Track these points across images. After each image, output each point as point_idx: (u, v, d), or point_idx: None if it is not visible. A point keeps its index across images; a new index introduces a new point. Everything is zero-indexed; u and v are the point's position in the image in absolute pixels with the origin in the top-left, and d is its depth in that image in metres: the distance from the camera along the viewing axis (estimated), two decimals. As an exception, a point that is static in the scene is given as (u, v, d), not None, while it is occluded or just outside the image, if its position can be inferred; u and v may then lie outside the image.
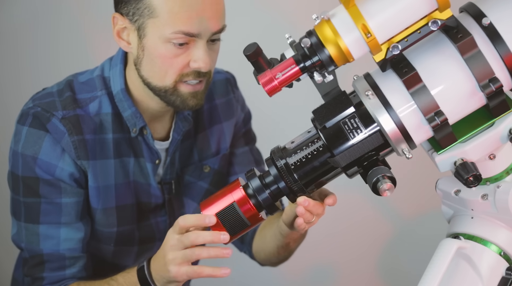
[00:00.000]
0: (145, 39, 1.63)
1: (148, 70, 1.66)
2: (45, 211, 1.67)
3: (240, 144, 1.94)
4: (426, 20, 1.23)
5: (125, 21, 1.65)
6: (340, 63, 1.25)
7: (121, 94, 1.71)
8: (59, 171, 1.65)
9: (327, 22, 1.24)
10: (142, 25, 1.63)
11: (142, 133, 1.73)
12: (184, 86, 1.65)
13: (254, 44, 1.29)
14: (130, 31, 1.65)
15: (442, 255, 1.30)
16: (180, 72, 1.63)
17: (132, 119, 1.71)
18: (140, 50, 1.65)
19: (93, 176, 1.69)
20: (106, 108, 1.71)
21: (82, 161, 1.67)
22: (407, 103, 1.26)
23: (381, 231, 2.76)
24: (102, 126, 1.70)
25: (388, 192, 1.28)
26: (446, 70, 1.25)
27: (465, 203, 1.37)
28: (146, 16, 1.61)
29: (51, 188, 1.66)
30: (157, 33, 1.61)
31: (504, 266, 1.34)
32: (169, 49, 1.61)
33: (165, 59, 1.62)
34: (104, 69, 1.75)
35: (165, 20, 1.59)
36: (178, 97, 1.65)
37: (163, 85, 1.65)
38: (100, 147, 1.69)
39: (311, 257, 2.72)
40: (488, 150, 1.31)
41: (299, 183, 1.35)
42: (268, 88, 1.28)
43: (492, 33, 1.23)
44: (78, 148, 1.66)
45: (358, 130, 1.29)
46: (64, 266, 1.68)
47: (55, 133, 1.65)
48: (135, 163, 1.74)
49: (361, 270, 2.77)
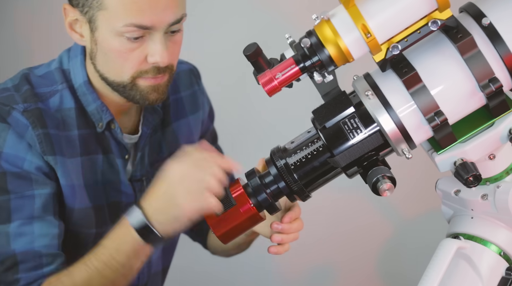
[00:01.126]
0: (97, 32, 1.51)
1: (103, 65, 1.55)
2: (16, 207, 1.51)
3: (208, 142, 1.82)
4: (426, 20, 1.23)
5: (75, 12, 1.53)
6: (340, 63, 1.25)
7: (84, 87, 1.59)
8: (27, 163, 1.52)
9: (327, 22, 1.24)
10: (93, 18, 1.51)
11: (109, 128, 1.62)
12: (144, 80, 1.54)
13: (254, 44, 1.29)
14: (82, 23, 1.54)
15: (442, 255, 1.30)
16: (137, 69, 1.52)
17: (97, 114, 1.60)
18: (93, 44, 1.54)
19: (63, 173, 1.56)
20: (68, 103, 1.59)
21: (48, 156, 1.54)
22: (407, 103, 1.26)
23: (381, 231, 2.76)
24: (65, 122, 1.58)
25: (388, 192, 1.28)
26: (446, 70, 1.25)
27: (465, 203, 1.37)
28: (96, 8, 1.49)
29: (21, 181, 1.52)
30: (108, 26, 1.49)
31: (504, 266, 1.34)
32: (122, 43, 1.50)
33: (119, 54, 1.51)
34: (63, 61, 1.63)
35: (115, 13, 1.47)
36: (138, 92, 1.55)
37: (121, 80, 1.54)
38: (66, 144, 1.57)
39: (311, 257, 2.72)
40: (488, 150, 1.31)
41: (299, 183, 1.35)
42: (268, 88, 1.28)
43: (492, 33, 1.23)
44: (44, 142, 1.53)
45: (358, 130, 1.29)
46: (41, 264, 1.50)
47: (17, 127, 1.52)
48: (104, 160, 1.63)
49: (361, 270, 2.77)
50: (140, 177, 1.69)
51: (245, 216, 1.38)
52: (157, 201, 1.41)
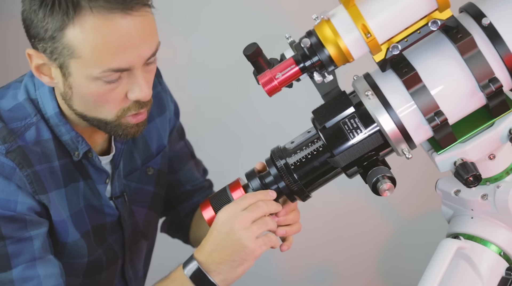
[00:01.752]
0: (70, 77, 1.41)
1: (82, 106, 1.45)
2: (15, 252, 1.43)
3: (175, 139, 1.80)
4: (426, 20, 1.23)
5: (43, 58, 1.41)
6: (340, 63, 1.25)
7: (56, 118, 1.50)
8: (20, 205, 1.43)
9: (327, 22, 1.24)
10: (64, 64, 1.40)
11: (86, 156, 1.55)
12: (129, 119, 1.46)
13: (254, 44, 1.29)
14: (52, 66, 1.43)
15: (442, 255, 1.30)
16: (120, 107, 1.44)
17: (72, 144, 1.52)
18: (67, 88, 1.43)
19: (55, 210, 1.49)
20: (45, 135, 1.50)
21: (41, 195, 1.46)
22: (407, 103, 1.26)
23: (381, 231, 2.76)
24: (45, 154, 1.49)
25: (388, 192, 1.28)
26: (446, 70, 1.26)
27: (465, 203, 1.37)
28: (67, 56, 1.38)
29: (15, 224, 1.43)
30: (83, 73, 1.39)
31: (504, 266, 1.34)
32: (101, 86, 1.40)
33: (98, 97, 1.42)
34: (29, 90, 1.52)
35: (89, 60, 1.37)
36: (121, 129, 1.47)
37: (104, 118, 1.45)
38: (51, 177, 1.49)
39: (311, 258, 2.72)
40: (488, 150, 1.31)
41: (299, 183, 1.35)
42: (268, 88, 1.28)
43: (492, 33, 1.23)
44: (34, 182, 1.45)
45: (358, 130, 1.29)
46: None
47: (3, 170, 1.42)
48: (85, 186, 1.56)
49: (361, 270, 2.77)
50: (120, 193, 1.65)
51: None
52: (219, 253, 1.40)
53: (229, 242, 1.38)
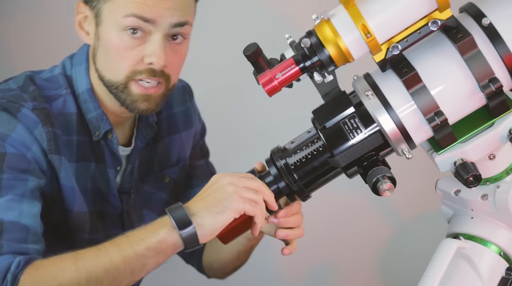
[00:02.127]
0: (100, 26, 1.54)
1: (102, 62, 1.56)
2: (8, 186, 1.45)
3: (197, 156, 1.84)
4: (426, 20, 1.23)
5: (86, 8, 1.57)
6: (340, 63, 1.25)
7: (86, 94, 1.60)
8: (30, 154, 1.49)
9: (327, 22, 1.24)
10: (99, 12, 1.54)
11: (105, 137, 1.62)
12: (136, 86, 1.54)
13: (254, 44, 1.29)
14: (90, 19, 1.57)
15: (442, 255, 1.30)
16: (133, 67, 1.53)
17: (96, 122, 1.60)
18: (96, 39, 1.56)
19: (66, 174, 1.55)
20: (70, 108, 1.59)
21: (54, 155, 1.53)
22: (407, 103, 1.26)
23: (381, 231, 2.76)
24: (66, 127, 1.57)
25: (388, 192, 1.28)
26: (446, 70, 1.26)
27: (465, 203, 1.37)
28: (102, 1, 1.53)
29: (18, 164, 1.48)
30: (111, 19, 1.52)
31: (504, 266, 1.34)
32: (123, 39, 1.51)
33: (118, 50, 1.52)
34: (66, 67, 1.63)
35: (118, 3, 1.51)
36: (128, 97, 1.55)
37: (115, 79, 1.54)
38: (66, 148, 1.57)
39: (311, 258, 2.72)
40: (488, 150, 1.31)
41: (299, 183, 1.35)
42: (268, 88, 1.28)
43: (492, 33, 1.23)
44: (52, 140, 1.52)
45: (358, 130, 1.29)
46: (26, 239, 1.41)
47: (27, 123, 1.50)
48: (96, 169, 1.62)
49: (361, 270, 2.77)
50: (128, 189, 1.68)
51: (245, 215, 1.38)
52: (204, 200, 1.36)
53: (216, 191, 1.35)
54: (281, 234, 1.46)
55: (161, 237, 1.34)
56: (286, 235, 1.46)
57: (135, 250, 1.34)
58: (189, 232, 1.33)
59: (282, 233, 1.46)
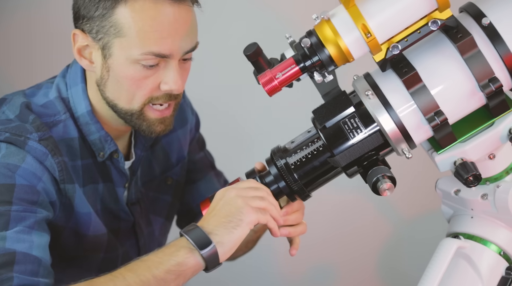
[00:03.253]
0: (110, 59, 1.47)
1: (114, 92, 1.50)
2: (16, 218, 1.41)
3: (195, 150, 1.83)
4: (426, 20, 1.23)
5: (87, 39, 1.48)
6: (340, 63, 1.25)
7: (87, 117, 1.55)
8: (41, 185, 1.45)
9: (327, 22, 1.24)
10: (107, 45, 1.46)
11: (110, 157, 1.59)
12: (152, 112, 1.51)
13: (254, 44, 1.29)
14: (93, 49, 1.49)
15: (442, 254, 1.31)
16: (149, 95, 1.49)
17: (99, 143, 1.56)
18: (105, 70, 1.49)
19: (80, 201, 1.53)
20: (71, 133, 1.54)
21: (68, 184, 1.50)
22: (407, 103, 1.26)
23: (381, 231, 2.76)
24: (70, 152, 1.53)
25: (388, 191, 1.28)
26: (446, 70, 1.26)
27: (465, 203, 1.38)
28: (112, 35, 1.45)
29: (29, 195, 1.43)
30: (124, 53, 1.45)
31: (504, 266, 1.34)
32: (138, 71, 1.46)
33: (133, 81, 1.47)
34: (61, 89, 1.57)
35: (133, 40, 1.44)
36: (144, 122, 1.52)
37: (130, 108, 1.50)
38: (74, 173, 1.53)
39: (311, 257, 2.72)
40: (488, 150, 1.31)
41: (299, 183, 1.35)
42: (268, 88, 1.28)
43: (492, 33, 1.23)
44: (64, 170, 1.48)
45: (358, 130, 1.29)
46: (37, 272, 1.37)
47: (36, 155, 1.46)
48: (104, 189, 1.59)
49: (361, 270, 2.77)
50: (135, 200, 1.67)
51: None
52: (217, 217, 1.35)
53: (226, 206, 1.34)
54: (284, 231, 1.46)
55: (181, 260, 1.31)
56: (289, 232, 1.46)
57: (154, 274, 1.31)
58: (209, 251, 1.31)
59: (284, 231, 1.46)
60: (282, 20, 2.61)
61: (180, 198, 1.80)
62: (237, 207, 1.34)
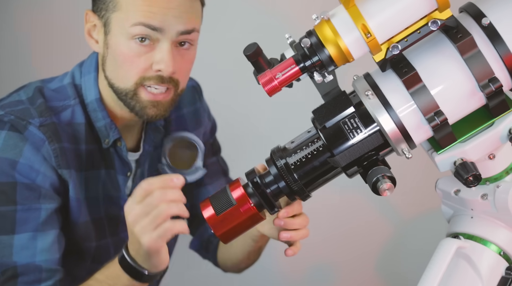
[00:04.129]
0: (109, 35, 1.57)
1: (111, 70, 1.59)
2: (22, 220, 1.52)
3: (208, 154, 1.87)
4: (426, 20, 1.23)
5: (95, 18, 1.60)
6: (340, 63, 1.25)
7: (95, 103, 1.63)
8: (41, 177, 1.54)
9: (327, 22, 1.24)
10: (108, 21, 1.57)
11: (114, 145, 1.66)
12: (145, 93, 1.57)
13: (254, 44, 1.29)
14: (99, 28, 1.60)
15: (442, 254, 1.30)
16: (141, 74, 1.56)
17: (105, 131, 1.64)
18: (105, 48, 1.59)
19: (74, 186, 1.59)
20: (79, 118, 1.63)
21: (63, 170, 1.57)
22: (407, 103, 1.26)
23: (381, 231, 2.76)
24: (75, 136, 1.61)
25: (388, 191, 1.28)
26: (446, 70, 1.26)
27: (465, 203, 1.37)
28: (111, 10, 1.56)
29: (30, 193, 1.53)
30: (119, 28, 1.55)
31: (504, 266, 1.34)
32: (131, 47, 1.55)
33: (127, 58, 1.55)
34: (75, 76, 1.67)
35: (126, 13, 1.54)
36: (138, 103, 1.58)
37: (124, 87, 1.58)
38: (75, 158, 1.60)
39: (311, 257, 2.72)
40: (488, 150, 1.31)
41: (299, 183, 1.35)
42: (268, 88, 1.28)
43: (492, 33, 1.23)
44: (59, 156, 1.56)
45: (358, 130, 1.29)
46: (39, 279, 1.52)
47: (33, 140, 1.54)
48: (106, 175, 1.66)
49: (361, 269, 2.77)
50: None
51: (245, 215, 1.38)
52: (132, 244, 1.42)
53: (132, 238, 1.40)
54: (285, 235, 1.47)
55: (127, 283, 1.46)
56: (290, 236, 1.47)
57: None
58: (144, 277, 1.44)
59: (286, 235, 1.47)
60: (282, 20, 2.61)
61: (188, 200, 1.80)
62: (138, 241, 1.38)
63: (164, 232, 1.36)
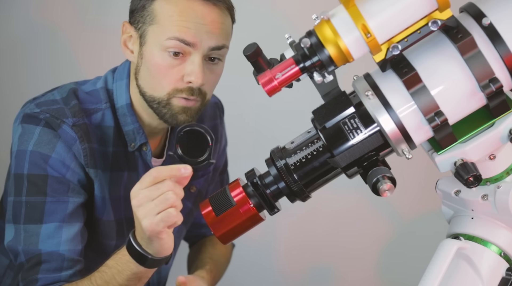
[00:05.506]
0: (144, 46, 1.66)
1: (144, 79, 1.68)
2: (50, 210, 1.63)
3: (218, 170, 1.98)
4: (426, 20, 1.23)
5: (131, 29, 1.69)
6: (340, 63, 1.25)
7: (125, 108, 1.72)
8: (70, 173, 1.65)
9: (327, 22, 1.24)
10: (144, 33, 1.66)
11: (140, 149, 1.75)
12: (177, 100, 1.65)
13: (254, 44, 1.28)
14: (135, 39, 1.69)
15: (442, 255, 1.30)
16: (174, 86, 1.64)
17: (132, 135, 1.73)
18: (140, 58, 1.68)
19: (99, 185, 1.69)
20: (108, 122, 1.72)
21: (90, 169, 1.67)
22: (407, 103, 1.26)
23: (381, 232, 2.76)
24: (103, 138, 1.71)
25: (388, 192, 1.27)
26: (446, 70, 1.25)
27: (465, 204, 1.37)
28: (148, 23, 1.65)
29: (60, 186, 1.64)
30: (155, 40, 1.64)
31: (504, 267, 1.34)
32: (164, 59, 1.63)
33: (160, 69, 1.64)
34: (108, 81, 1.76)
35: (162, 27, 1.62)
36: (169, 111, 1.67)
37: (157, 95, 1.66)
38: (102, 159, 1.70)
39: (311, 258, 2.72)
40: (488, 150, 1.31)
41: (299, 183, 1.35)
42: (268, 88, 1.28)
43: (492, 33, 1.23)
44: (88, 156, 1.66)
45: (358, 130, 1.29)
46: (61, 267, 1.63)
47: (66, 139, 1.65)
48: (128, 178, 1.74)
49: (361, 270, 2.77)
50: None
51: (245, 216, 1.38)
52: (136, 227, 1.49)
53: (136, 222, 1.47)
54: None
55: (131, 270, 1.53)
56: None
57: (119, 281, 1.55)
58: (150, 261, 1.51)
59: None
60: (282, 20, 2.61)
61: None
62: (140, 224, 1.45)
63: (167, 217, 1.42)
